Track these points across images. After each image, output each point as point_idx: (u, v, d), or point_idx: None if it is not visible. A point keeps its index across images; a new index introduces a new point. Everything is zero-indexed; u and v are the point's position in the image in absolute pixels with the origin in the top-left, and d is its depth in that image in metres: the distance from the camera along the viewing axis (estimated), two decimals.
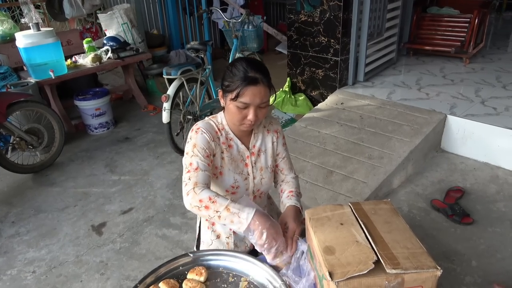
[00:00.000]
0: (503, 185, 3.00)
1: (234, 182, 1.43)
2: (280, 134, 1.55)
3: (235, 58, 1.42)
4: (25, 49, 3.84)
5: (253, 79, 1.29)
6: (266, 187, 1.53)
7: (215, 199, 1.22)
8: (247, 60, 1.34)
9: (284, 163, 1.58)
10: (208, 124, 1.41)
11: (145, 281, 1.24)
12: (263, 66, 1.36)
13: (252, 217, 1.19)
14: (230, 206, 1.20)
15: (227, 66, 1.38)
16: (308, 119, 3.79)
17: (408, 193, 2.99)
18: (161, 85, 5.14)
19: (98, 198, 3.18)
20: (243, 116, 1.33)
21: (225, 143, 1.43)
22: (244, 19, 4.18)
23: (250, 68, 1.30)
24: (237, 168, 1.44)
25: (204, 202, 1.22)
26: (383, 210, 1.23)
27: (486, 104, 3.57)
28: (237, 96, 1.30)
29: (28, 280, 2.39)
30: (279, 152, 1.56)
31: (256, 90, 1.29)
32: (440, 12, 5.11)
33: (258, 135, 1.50)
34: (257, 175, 1.48)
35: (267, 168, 1.51)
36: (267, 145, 1.51)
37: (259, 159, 1.49)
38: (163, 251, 2.57)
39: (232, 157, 1.44)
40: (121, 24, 5.18)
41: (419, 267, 0.98)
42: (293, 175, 1.60)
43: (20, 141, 3.45)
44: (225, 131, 1.44)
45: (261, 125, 1.51)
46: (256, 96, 1.30)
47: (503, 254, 2.36)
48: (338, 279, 0.96)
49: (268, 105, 1.37)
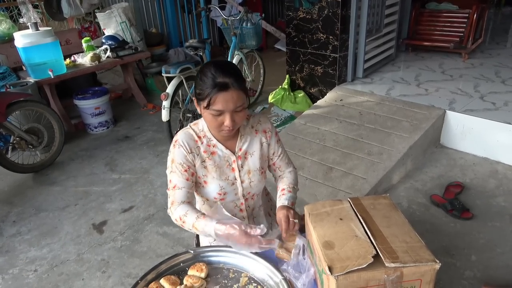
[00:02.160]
0: (503, 180, 3.01)
1: (220, 189, 1.41)
2: (271, 132, 1.49)
3: (205, 63, 1.40)
4: (24, 48, 3.84)
5: (223, 84, 1.23)
6: (257, 189, 1.50)
7: (184, 219, 1.32)
8: (216, 64, 1.28)
9: (281, 160, 1.54)
10: (187, 135, 1.39)
11: (146, 278, 1.25)
12: (233, 68, 1.31)
13: (214, 232, 1.24)
14: (196, 225, 1.29)
15: (197, 73, 1.33)
16: (308, 116, 3.80)
17: (407, 189, 3.00)
18: (160, 83, 5.14)
19: (99, 196, 3.19)
20: (220, 122, 1.29)
21: (207, 151, 1.40)
22: (242, 16, 4.18)
23: (218, 73, 1.24)
24: (222, 174, 1.41)
25: (178, 222, 1.34)
26: (382, 205, 1.23)
27: (485, 99, 3.57)
28: (209, 104, 1.25)
29: (30, 278, 2.41)
30: (274, 151, 1.51)
31: (228, 95, 1.24)
32: (438, 8, 5.10)
33: (245, 137, 1.44)
34: (245, 179, 1.45)
35: (256, 171, 1.46)
36: (254, 147, 1.46)
37: (246, 162, 1.45)
38: (164, 248, 2.58)
39: (216, 164, 1.41)
40: (120, 23, 5.18)
41: (417, 260, 0.99)
42: (290, 169, 1.57)
43: (20, 140, 3.46)
44: (206, 138, 1.41)
45: (248, 125, 1.46)
46: (228, 102, 1.24)
47: (503, 248, 2.37)
48: (337, 273, 0.96)
49: (245, 107, 1.31)
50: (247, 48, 4.51)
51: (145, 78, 5.51)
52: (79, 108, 4.28)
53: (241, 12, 4.17)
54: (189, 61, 3.65)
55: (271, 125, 1.51)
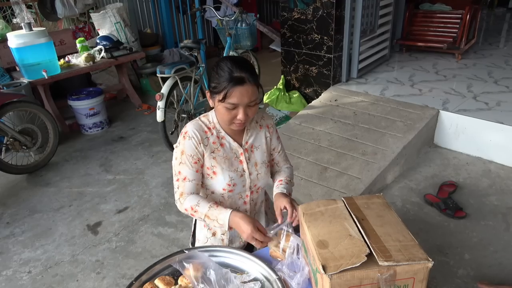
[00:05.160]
0: (495, 179, 3.03)
1: (229, 180, 1.44)
2: (273, 128, 1.56)
3: (221, 58, 1.42)
4: (17, 49, 3.81)
5: (239, 79, 1.27)
6: (263, 182, 1.54)
7: (196, 209, 1.36)
8: (232, 59, 1.32)
9: (280, 156, 1.60)
10: (197, 125, 1.42)
11: (141, 278, 1.25)
12: (249, 64, 1.35)
13: (228, 220, 1.31)
14: (209, 213, 1.34)
15: (213, 67, 1.36)
16: (302, 116, 3.81)
17: (401, 188, 3.02)
18: (155, 84, 5.13)
19: (93, 197, 3.18)
20: (233, 116, 1.33)
21: (216, 142, 1.43)
22: (237, 17, 4.19)
23: (235, 67, 1.28)
24: (231, 166, 1.44)
25: (189, 211, 1.38)
26: (375, 204, 1.24)
27: (478, 99, 3.60)
28: (224, 97, 1.29)
29: (24, 280, 2.39)
30: (274, 147, 1.57)
31: (244, 89, 1.28)
32: (432, 9, 5.14)
33: (251, 131, 1.49)
34: (253, 171, 1.49)
35: (263, 163, 1.51)
36: (260, 141, 1.51)
37: (253, 155, 1.49)
38: (159, 249, 2.57)
39: (225, 155, 1.44)
40: (114, 23, 5.16)
41: (410, 259, 1.00)
42: (287, 165, 1.63)
43: (14, 141, 3.44)
44: (216, 130, 1.44)
45: (253, 121, 1.51)
46: (244, 96, 1.29)
47: (496, 247, 2.40)
48: (331, 272, 0.97)
49: (258, 103, 1.36)
50: (242, 49, 4.51)
51: (139, 78, 5.50)
52: (73, 108, 4.26)
53: (236, 13, 4.18)
54: (184, 62, 3.64)
55: (272, 121, 1.58)
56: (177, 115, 3.62)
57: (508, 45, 5.52)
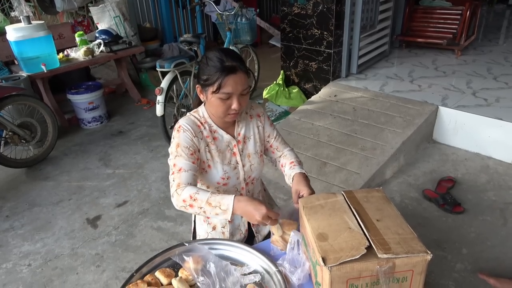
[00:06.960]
0: (493, 175, 3.05)
1: (223, 173, 1.44)
2: (264, 116, 1.56)
3: (206, 51, 1.42)
4: (16, 42, 3.80)
5: (232, 67, 1.28)
6: (257, 173, 1.54)
7: (195, 197, 1.26)
8: (220, 50, 1.33)
9: (277, 141, 1.59)
10: (190, 120, 1.42)
11: (141, 271, 1.25)
12: (237, 53, 1.36)
13: (233, 204, 1.23)
14: (211, 200, 1.25)
15: (201, 60, 1.36)
16: (302, 111, 3.81)
17: (400, 184, 3.03)
18: (155, 78, 5.12)
19: (93, 191, 3.18)
20: (227, 106, 1.33)
21: (209, 136, 1.43)
22: (237, 11, 4.17)
23: (225, 57, 1.29)
24: (225, 159, 1.45)
25: (188, 201, 1.27)
26: (375, 198, 1.25)
27: (477, 95, 3.61)
28: (219, 87, 1.29)
29: (23, 273, 2.40)
30: (269, 133, 1.57)
31: (237, 77, 1.29)
32: (432, 5, 5.14)
33: (241, 122, 1.49)
34: (246, 163, 1.49)
35: (255, 154, 1.51)
36: (252, 131, 1.51)
37: (246, 146, 1.49)
38: (158, 243, 2.58)
39: (219, 149, 1.44)
40: (113, 17, 5.14)
41: (409, 251, 1.00)
42: (288, 148, 1.62)
43: (13, 135, 3.43)
44: (208, 124, 1.43)
45: (243, 111, 1.50)
46: (238, 84, 1.30)
47: (493, 241, 2.41)
48: (331, 264, 0.98)
49: (249, 91, 1.37)
50: (242, 43, 4.51)
51: (139, 73, 5.48)
52: (72, 102, 4.26)
53: (235, 7, 4.17)
54: (184, 56, 3.64)
55: (263, 109, 1.58)
56: (176, 110, 3.62)
57: (507, 41, 5.53)
